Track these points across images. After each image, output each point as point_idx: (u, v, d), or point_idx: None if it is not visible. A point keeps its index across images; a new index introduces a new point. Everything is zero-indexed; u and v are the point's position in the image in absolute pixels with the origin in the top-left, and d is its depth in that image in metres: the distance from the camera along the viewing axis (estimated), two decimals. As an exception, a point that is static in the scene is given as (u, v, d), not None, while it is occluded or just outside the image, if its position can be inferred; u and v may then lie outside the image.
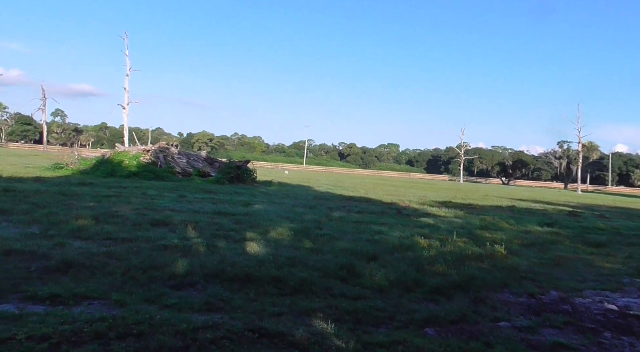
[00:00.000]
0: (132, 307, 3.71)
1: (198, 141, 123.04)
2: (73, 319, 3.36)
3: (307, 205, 13.25)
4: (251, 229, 7.96)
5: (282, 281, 4.74)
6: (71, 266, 4.72)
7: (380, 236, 8.27)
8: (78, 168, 20.40)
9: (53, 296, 3.82)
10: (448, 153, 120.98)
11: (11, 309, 3.54)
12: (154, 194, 13.02)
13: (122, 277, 4.50)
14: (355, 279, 5.09)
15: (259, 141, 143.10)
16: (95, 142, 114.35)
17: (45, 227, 6.71)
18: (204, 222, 8.32)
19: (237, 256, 5.75)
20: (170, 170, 20.89)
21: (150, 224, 7.68)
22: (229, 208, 10.93)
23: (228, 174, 21.13)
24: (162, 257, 5.36)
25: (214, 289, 4.37)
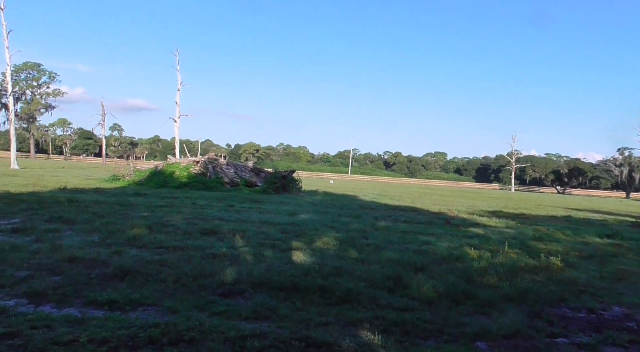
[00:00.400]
0: (183, 314, 3.83)
1: (245, 152, 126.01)
2: (129, 324, 3.51)
3: (353, 214, 13.21)
4: (297, 238, 8.02)
5: (328, 290, 4.73)
6: (127, 273, 4.94)
7: (428, 246, 8.09)
8: (133, 179, 21.40)
9: (111, 301, 4.01)
10: (498, 161, 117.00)
11: (74, 313, 3.75)
12: (203, 203, 13.42)
13: (174, 285, 4.66)
14: (403, 290, 5.01)
15: (304, 151, 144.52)
16: (149, 154, 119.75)
17: (104, 236, 7.07)
18: (251, 231, 8.47)
19: (283, 265, 5.81)
20: (219, 180, 21.49)
21: (200, 233, 7.91)
22: (275, 217, 11.09)
23: (274, 183, 21.45)
24: (211, 265, 5.50)
25: (261, 298, 4.44)
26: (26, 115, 75.27)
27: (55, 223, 8.00)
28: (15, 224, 7.69)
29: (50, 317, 3.57)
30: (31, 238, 6.61)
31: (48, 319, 3.52)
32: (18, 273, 4.72)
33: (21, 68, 72.52)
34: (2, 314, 3.57)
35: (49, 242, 6.28)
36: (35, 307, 3.83)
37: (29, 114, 75.86)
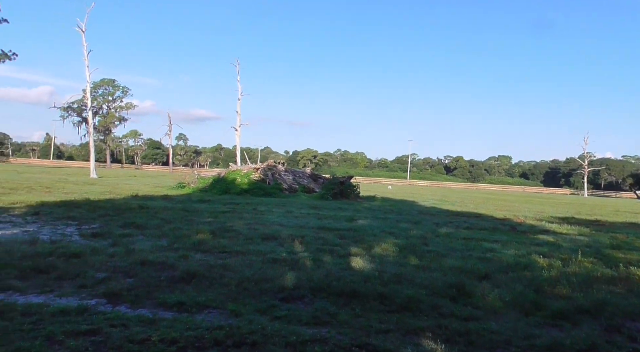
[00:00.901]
0: (246, 317, 3.94)
1: (303, 158, 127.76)
2: (196, 326, 3.66)
3: (412, 220, 12.96)
4: (355, 244, 8.00)
5: (388, 297, 4.67)
6: (193, 276, 5.16)
7: (493, 253, 7.77)
8: (198, 186, 22.38)
9: (179, 303, 4.21)
10: (569, 164, 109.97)
11: (147, 313, 3.97)
12: (263, 209, 13.75)
13: (237, 288, 4.81)
14: (466, 299, 4.84)
15: (362, 157, 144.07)
16: (212, 162, 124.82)
17: (171, 241, 7.45)
18: (309, 236, 8.56)
19: (342, 271, 5.81)
20: (278, 187, 21.94)
21: (260, 238, 8.12)
22: (333, 223, 11.13)
23: (332, 189, 21.56)
24: (271, 270, 5.62)
25: (321, 303, 4.46)
26: (103, 128, 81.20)
27: (129, 228, 8.54)
28: (94, 229, 8.30)
29: (125, 317, 3.81)
30: (108, 242, 7.10)
31: (124, 318, 3.76)
32: (97, 275, 5.08)
33: (99, 84, 78.44)
34: (85, 312, 3.86)
35: (124, 246, 6.71)
36: (112, 307, 4.10)
37: (105, 126, 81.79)
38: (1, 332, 3.32)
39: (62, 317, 3.71)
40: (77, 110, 73.97)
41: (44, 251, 5.93)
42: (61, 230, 8.13)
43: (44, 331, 3.38)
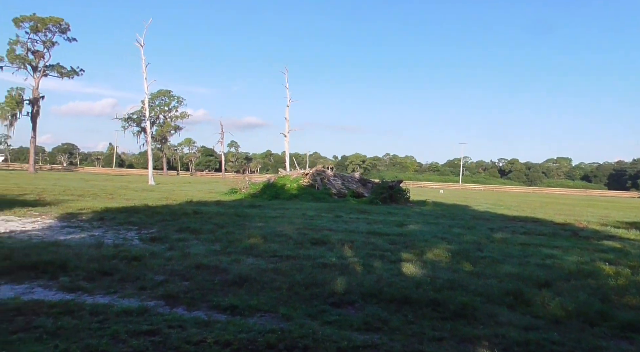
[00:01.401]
0: (297, 322, 3.97)
1: (351, 163, 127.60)
2: (249, 329, 3.74)
3: (465, 225, 12.58)
4: (406, 250, 7.87)
5: (442, 304, 4.55)
6: (245, 280, 5.27)
7: (553, 260, 7.38)
8: (249, 192, 22.89)
9: (232, 306, 4.32)
10: (637, 165, 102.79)
11: (202, 315, 4.11)
12: (312, 214, 13.84)
13: (288, 292, 4.86)
14: (525, 307, 4.62)
15: (411, 160, 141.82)
16: (262, 168, 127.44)
17: (224, 245, 7.66)
18: (359, 241, 8.52)
19: (393, 277, 5.73)
20: (327, 191, 22.02)
21: (310, 243, 8.17)
22: (383, 228, 11.01)
23: (381, 194, 21.36)
24: (322, 274, 5.64)
25: (372, 309, 4.42)
26: (160, 137, 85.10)
27: (184, 233, 8.87)
28: (153, 233, 8.68)
29: (182, 319, 3.95)
30: (165, 246, 7.41)
31: (181, 320, 3.90)
32: (156, 277, 5.31)
33: (156, 95, 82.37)
34: (145, 313, 4.05)
35: (180, 250, 6.98)
36: (170, 309, 4.27)
37: (162, 135, 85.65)
38: (73, 330, 3.54)
39: (125, 317, 3.91)
40: (137, 120, 78.19)
41: (108, 254, 6.28)
42: (123, 234, 8.58)
43: (109, 330, 3.58)
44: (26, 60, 55.32)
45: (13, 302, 4.14)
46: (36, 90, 56.90)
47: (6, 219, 10.08)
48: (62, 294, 4.57)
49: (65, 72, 58.63)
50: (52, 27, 55.24)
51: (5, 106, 55.98)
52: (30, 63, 55.81)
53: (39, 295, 4.50)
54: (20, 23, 54.08)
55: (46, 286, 4.83)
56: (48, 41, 56.09)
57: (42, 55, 56.31)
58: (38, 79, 56.82)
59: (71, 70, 59.33)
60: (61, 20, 55.56)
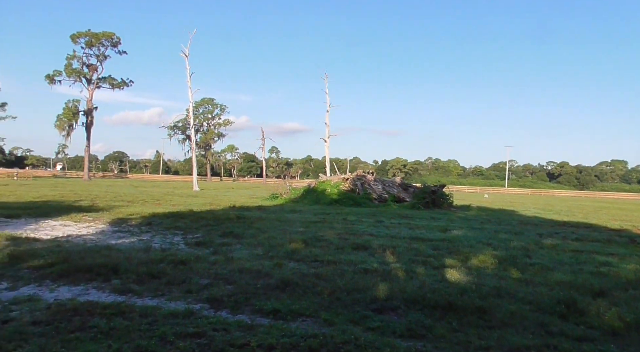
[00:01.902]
0: (339, 327, 3.96)
1: (392, 167, 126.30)
2: (291, 333, 3.76)
3: (512, 231, 12.15)
4: (450, 256, 7.69)
5: (488, 312, 4.41)
6: (287, 284, 5.32)
7: (608, 268, 6.99)
8: (290, 197, 23.12)
9: (275, 310, 4.36)
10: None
11: (245, 319, 4.17)
12: (353, 219, 13.79)
13: (329, 298, 4.86)
14: (578, 317, 4.40)
15: (454, 164, 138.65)
16: (302, 173, 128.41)
17: (266, 249, 7.76)
18: (401, 247, 8.41)
19: (436, 283, 5.61)
20: (368, 196, 21.89)
21: (351, 248, 8.14)
22: (425, 233, 10.82)
23: (423, 198, 21.00)
24: (363, 280, 5.60)
25: (415, 316, 4.34)
26: (203, 144, 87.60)
27: (228, 237, 9.07)
28: (198, 238, 8.94)
29: (226, 322, 4.03)
30: (209, 250, 7.60)
31: (225, 323, 3.98)
32: (201, 281, 5.45)
33: (200, 103, 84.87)
34: (191, 315, 4.16)
35: (223, 255, 7.13)
36: (215, 312, 4.37)
37: (206, 142, 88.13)
38: (124, 330, 3.70)
39: (172, 319, 4.03)
40: (182, 128, 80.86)
41: (156, 258, 6.51)
42: (170, 239, 8.88)
43: (157, 331, 3.70)
44: (81, 73, 58.56)
45: (71, 303, 4.36)
46: (90, 102, 60.07)
47: (64, 224, 10.68)
48: (114, 296, 4.78)
49: (116, 84, 61.59)
50: (104, 41, 58.23)
51: (63, 117, 59.36)
52: (85, 76, 59.02)
53: (94, 296, 4.72)
54: (77, 39, 57.37)
55: (100, 288, 5.07)
56: (101, 55, 59.15)
57: (95, 68, 59.42)
58: (92, 90, 59.98)
59: (121, 81, 62.27)
60: (113, 35, 58.47)
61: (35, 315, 4.03)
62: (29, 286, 5.08)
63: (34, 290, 4.91)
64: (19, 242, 7.68)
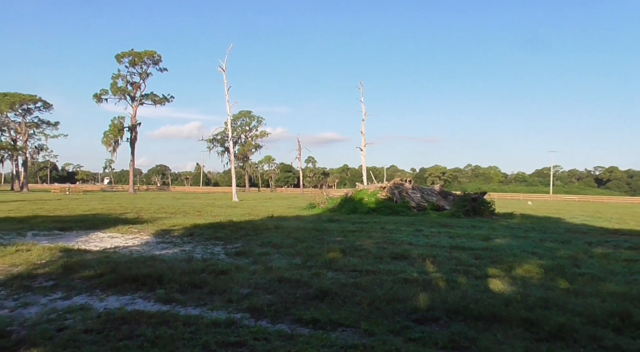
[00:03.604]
0: (379, 338, 3.92)
1: (430, 175, 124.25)
2: (331, 343, 3.76)
3: (559, 239, 11.65)
4: (493, 265, 7.46)
5: (535, 324, 4.24)
6: (326, 294, 5.32)
7: (666, 277, 6.58)
8: (327, 206, 23.16)
9: (314, 320, 4.37)
10: None
11: (285, 328, 4.20)
12: (391, 228, 13.64)
13: (369, 308, 4.82)
14: (634, 331, 4.16)
15: (495, 171, 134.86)
16: (339, 182, 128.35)
17: (305, 259, 7.80)
18: (441, 256, 8.24)
19: (479, 293, 5.46)
20: (406, 205, 21.62)
21: (390, 257, 8.05)
22: (467, 242, 10.55)
23: (463, 206, 20.53)
24: (403, 290, 5.52)
25: (458, 327, 4.24)
26: (242, 155, 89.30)
27: (266, 247, 9.18)
28: (238, 248, 9.09)
29: (267, 331, 4.07)
30: (249, 260, 7.72)
31: (265, 333, 4.02)
32: (242, 290, 5.54)
33: (237, 116, 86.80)
34: (232, 325, 4.23)
35: (263, 264, 7.22)
36: (255, 321, 4.43)
37: (244, 154, 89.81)
38: (169, 339, 3.80)
39: (214, 328, 4.11)
40: (220, 141, 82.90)
41: (198, 268, 6.67)
42: (210, 249, 9.07)
43: (200, 340, 3.79)
44: (126, 91, 61.30)
45: (119, 312, 4.54)
46: (134, 118, 62.66)
47: (112, 236, 11.14)
48: (159, 305, 4.93)
49: (158, 100, 64.04)
50: (146, 59, 60.79)
51: (109, 134, 62.17)
52: (129, 94, 61.73)
53: (140, 305, 4.89)
54: (121, 59, 60.23)
55: (145, 297, 5.24)
56: (143, 73, 61.74)
57: (138, 85, 62.04)
58: (135, 107, 62.59)
59: (163, 97, 64.68)
60: (154, 53, 60.95)
61: (87, 323, 4.21)
62: (80, 295, 5.32)
63: (85, 299, 5.14)
64: (72, 254, 8.07)
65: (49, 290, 5.52)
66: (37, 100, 64.69)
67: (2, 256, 7.59)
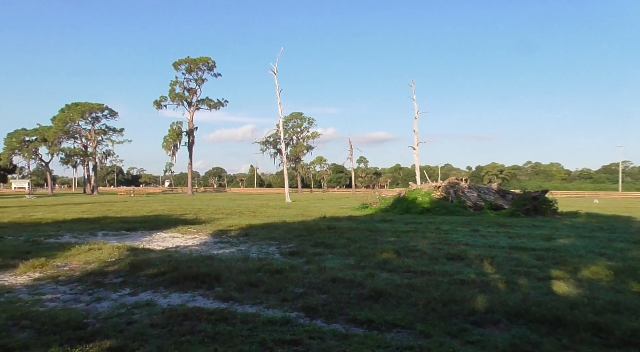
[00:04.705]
0: (436, 340, 3.85)
1: (487, 174, 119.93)
2: (386, 344, 3.74)
3: (630, 239, 10.87)
4: (556, 266, 7.10)
5: (604, 329, 4.00)
6: (380, 295, 5.29)
7: None
8: (379, 207, 22.97)
9: (369, 320, 4.36)
10: None
11: (340, 328, 4.23)
12: (447, 228, 13.31)
13: (424, 309, 4.74)
14: None
15: (557, 168, 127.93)
16: (391, 182, 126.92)
17: (358, 259, 7.79)
18: (500, 257, 7.95)
19: (542, 296, 5.22)
20: (461, 204, 21.01)
21: (445, 258, 7.87)
22: (527, 242, 10.10)
23: (523, 205, 19.64)
24: (460, 291, 5.38)
25: (519, 330, 4.08)
26: (293, 156, 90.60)
27: (319, 247, 9.25)
28: (291, 248, 9.24)
29: (321, 330, 4.12)
30: (303, 260, 7.82)
31: (320, 332, 4.07)
32: (296, 290, 5.63)
33: (289, 118, 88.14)
34: (287, 323, 4.32)
35: (316, 264, 7.30)
36: (310, 320, 4.49)
37: (296, 155, 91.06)
38: (228, 335, 3.95)
39: (270, 326, 4.22)
40: (273, 143, 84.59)
41: (254, 267, 6.85)
42: (265, 249, 9.29)
43: (257, 337, 3.90)
44: (183, 97, 64.12)
45: (181, 308, 4.76)
46: (191, 123, 65.37)
47: (173, 236, 11.69)
48: (218, 302, 5.12)
49: (213, 104, 66.46)
50: (202, 66, 63.26)
51: (169, 138, 65.27)
52: (186, 99, 64.53)
53: (200, 303, 5.10)
54: (178, 66, 63.07)
55: (205, 295, 5.46)
56: (199, 79, 64.31)
57: (195, 91, 64.67)
58: (192, 112, 65.29)
59: (217, 102, 67.04)
60: (209, 59, 63.27)
61: (152, 318, 4.46)
62: (146, 292, 5.63)
63: (150, 296, 5.44)
64: (137, 253, 8.55)
65: (118, 286, 5.89)
66: (104, 108, 69.04)
67: (78, 254, 8.18)
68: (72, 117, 65.66)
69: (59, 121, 64.63)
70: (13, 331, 4.09)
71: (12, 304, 5.01)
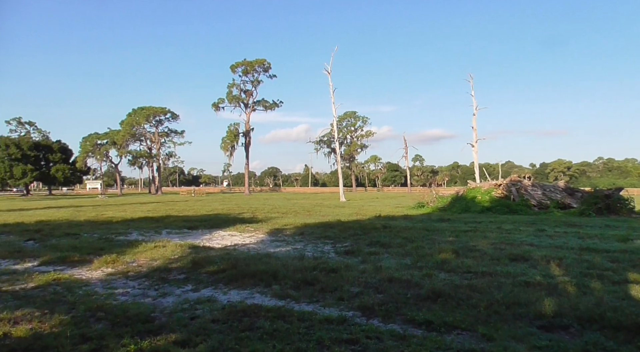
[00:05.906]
0: (499, 343, 3.68)
1: (553, 171, 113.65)
2: (446, 346, 3.62)
3: None
4: (634, 269, 6.57)
5: (692, 339, 3.64)
6: (439, 295, 5.14)
7: None
8: (436, 206, 22.40)
9: (427, 322, 4.25)
10: None
11: (397, 328, 4.15)
12: (509, 228, 12.74)
13: (486, 311, 4.55)
14: None
15: (633, 164, 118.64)
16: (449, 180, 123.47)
17: (415, 259, 7.63)
18: (569, 258, 7.47)
19: (618, 300, 4.85)
20: (525, 203, 20.02)
21: (508, 259, 7.52)
22: (600, 244, 9.43)
23: (595, 204, 18.39)
24: (524, 294, 5.12)
25: (592, 336, 3.81)
26: (348, 156, 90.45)
27: (375, 247, 9.16)
28: (346, 247, 9.22)
29: (378, 330, 4.06)
30: (358, 259, 7.78)
31: (377, 332, 4.02)
32: (352, 289, 5.60)
33: (342, 117, 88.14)
34: (344, 322, 4.31)
35: (372, 264, 7.22)
36: (366, 320, 4.44)
37: (350, 154, 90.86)
38: (285, 332, 4.00)
39: (326, 325, 4.22)
40: (327, 142, 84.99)
41: (309, 266, 6.90)
42: (320, 248, 9.33)
43: (314, 335, 3.91)
44: (240, 99, 65.97)
45: (240, 305, 4.89)
46: (248, 124, 67.12)
47: (231, 234, 12.05)
48: (275, 300, 5.20)
49: (268, 105, 67.80)
50: (257, 68, 64.75)
51: (226, 139, 67.43)
52: (243, 101, 66.33)
53: (258, 300, 5.21)
54: (235, 68, 64.97)
55: (263, 292, 5.57)
56: (255, 80, 65.88)
57: (251, 93, 66.34)
58: (249, 113, 67.01)
59: (273, 103, 68.31)
60: (264, 61, 64.66)
61: (213, 314, 4.61)
62: (207, 288, 5.84)
63: (211, 292, 5.63)
64: (198, 250, 8.89)
65: (182, 282, 6.15)
66: (167, 112, 72.52)
67: (144, 251, 8.65)
68: (138, 120, 69.55)
69: (126, 125, 68.74)
70: (91, 322, 4.39)
71: (89, 297, 5.38)
